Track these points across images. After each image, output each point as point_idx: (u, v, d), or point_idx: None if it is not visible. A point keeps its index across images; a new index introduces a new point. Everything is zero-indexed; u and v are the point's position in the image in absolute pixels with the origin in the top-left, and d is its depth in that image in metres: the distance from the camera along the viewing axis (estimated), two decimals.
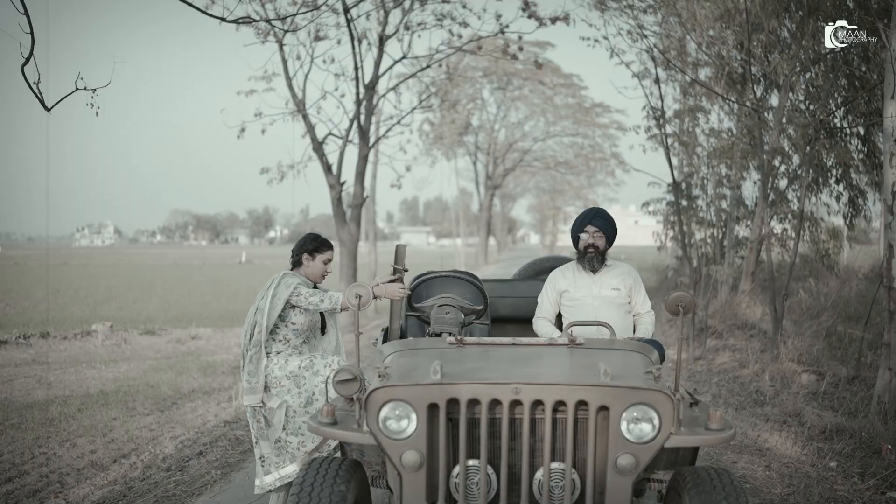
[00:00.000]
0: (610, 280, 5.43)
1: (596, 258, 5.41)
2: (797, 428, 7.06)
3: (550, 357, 4.09)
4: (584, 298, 5.38)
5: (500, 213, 75.56)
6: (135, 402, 8.87)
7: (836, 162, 11.54)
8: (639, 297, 5.49)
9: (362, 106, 13.25)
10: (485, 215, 51.30)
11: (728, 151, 13.56)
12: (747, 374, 9.42)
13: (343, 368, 3.61)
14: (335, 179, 13.11)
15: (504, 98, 41.98)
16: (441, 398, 3.48)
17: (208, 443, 6.87)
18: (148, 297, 26.47)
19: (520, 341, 4.31)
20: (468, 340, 4.32)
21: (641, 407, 3.47)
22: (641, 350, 4.31)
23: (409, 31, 13.45)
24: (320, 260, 5.53)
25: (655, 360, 4.29)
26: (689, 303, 3.84)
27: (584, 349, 4.23)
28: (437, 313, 5.05)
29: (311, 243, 5.57)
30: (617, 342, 4.46)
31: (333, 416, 3.67)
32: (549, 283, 5.61)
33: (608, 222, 5.44)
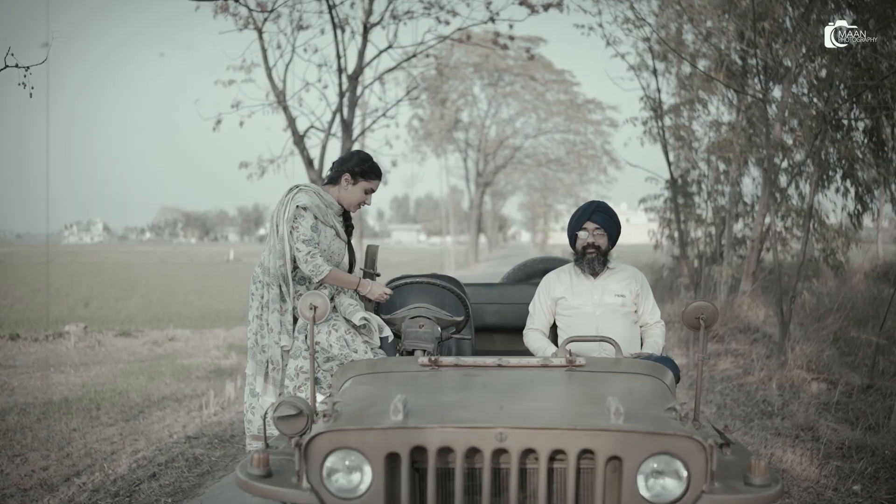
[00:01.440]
0: (613, 285, 4.80)
1: (597, 260, 4.75)
2: (812, 444, 6.50)
3: (545, 385, 3.37)
4: (583, 307, 4.75)
5: (491, 211, 75.10)
6: (99, 410, 8.30)
7: (843, 156, 11.02)
8: (647, 306, 4.85)
9: (345, 97, 12.70)
10: (475, 213, 50.82)
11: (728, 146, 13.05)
12: (753, 381, 8.86)
13: (286, 400, 2.83)
14: (317, 174, 12.54)
15: (495, 94, 41.46)
16: (403, 446, 2.74)
17: (164, 463, 6.27)
18: (130, 296, 25.90)
19: (507, 362, 3.59)
20: (444, 361, 3.60)
21: (664, 457, 2.75)
22: (654, 372, 3.60)
23: (395, 19, 12.91)
24: (362, 188, 4.71)
25: (671, 384, 3.65)
26: (712, 314, 3.21)
27: (585, 372, 3.54)
28: (409, 326, 4.38)
29: (357, 164, 4.70)
30: (624, 362, 3.74)
31: (267, 465, 2.89)
32: (542, 289, 4.95)
33: (611, 218, 4.79)
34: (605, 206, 4.84)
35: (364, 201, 4.75)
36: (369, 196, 4.76)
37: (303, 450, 2.79)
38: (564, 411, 3.07)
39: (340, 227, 4.77)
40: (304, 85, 12.86)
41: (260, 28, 12.13)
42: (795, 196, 13.20)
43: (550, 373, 3.52)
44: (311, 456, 2.79)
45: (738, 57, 12.89)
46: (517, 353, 5.66)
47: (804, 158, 11.55)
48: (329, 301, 3.22)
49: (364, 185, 4.69)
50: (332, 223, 4.69)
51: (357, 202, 4.72)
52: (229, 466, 6.21)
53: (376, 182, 4.76)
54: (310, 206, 4.54)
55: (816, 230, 12.21)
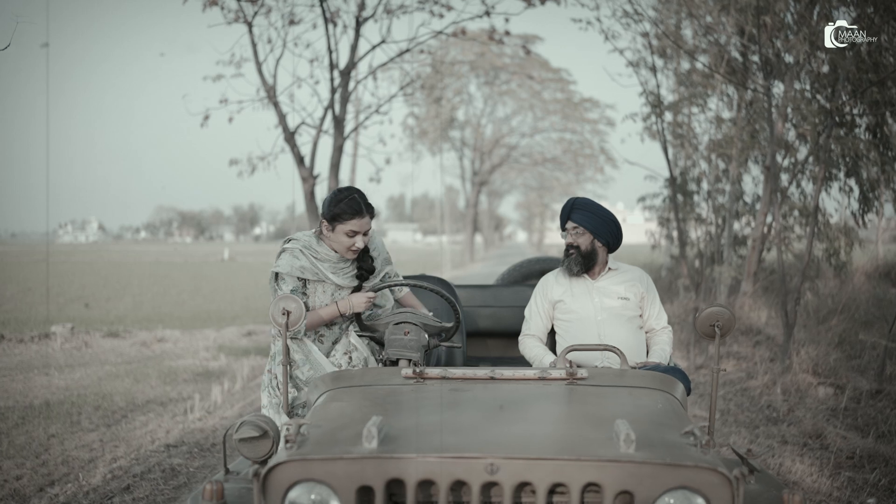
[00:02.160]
0: (615, 287, 4.45)
1: (574, 260, 4.38)
2: (821, 452, 6.21)
3: (543, 402, 2.97)
4: (583, 311, 4.40)
5: (487, 210, 74.90)
6: (80, 414, 8.01)
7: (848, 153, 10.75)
8: (653, 309, 4.50)
9: (337, 93, 12.40)
10: (471, 212, 50.56)
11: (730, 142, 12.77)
12: (756, 385, 8.57)
13: (249, 420, 2.45)
14: (308, 172, 12.24)
15: (491, 92, 41.21)
16: (378, 478, 2.35)
17: (140, 474, 5.97)
18: (121, 295, 25.59)
19: (500, 374, 3.17)
20: (430, 373, 3.18)
21: (683, 492, 2.36)
22: (664, 386, 3.18)
23: (389, 14, 12.61)
24: (341, 232, 4.10)
25: (683, 399, 3.27)
26: (728, 321, 2.92)
27: (587, 386, 3.13)
28: (393, 333, 3.94)
29: (327, 208, 4.12)
30: (630, 374, 3.31)
31: (221, 497, 2.50)
32: (539, 292, 4.59)
33: (592, 214, 4.39)
34: (584, 202, 4.47)
35: (354, 245, 4.14)
36: (357, 237, 4.13)
37: (261, 480, 2.40)
38: (566, 436, 2.60)
39: (344, 278, 4.25)
40: (294, 80, 12.57)
41: (249, 22, 11.84)
42: (796, 194, 12.95)
43: (549, 387, 3.13)
44: (271, 488, 2.41)
45: (739, 53, 12.63)
46: (511, 360, 5.34)
47: (807, 156, 11.28)
48: (305, 307, 2.92)
49: (341, 227, 4.10)
50: (329, 277, 4.20)
51: (346, 247, 4.15)
52: (208, 478, 5.93)
53: (354, 222, 4.10)
54: (290, 272, 4.12)
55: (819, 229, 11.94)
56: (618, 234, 4.47)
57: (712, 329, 2.92)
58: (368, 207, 4.18)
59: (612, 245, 4.49)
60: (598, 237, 4.41)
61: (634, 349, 4.31)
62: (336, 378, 3.21)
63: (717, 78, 12.86)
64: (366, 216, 4.14)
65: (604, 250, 4.49)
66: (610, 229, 4.43)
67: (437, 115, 35.67)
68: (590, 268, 4.45)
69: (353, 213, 4.08)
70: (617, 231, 4.47)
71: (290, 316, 2.88)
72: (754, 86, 11.29)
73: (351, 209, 4.08)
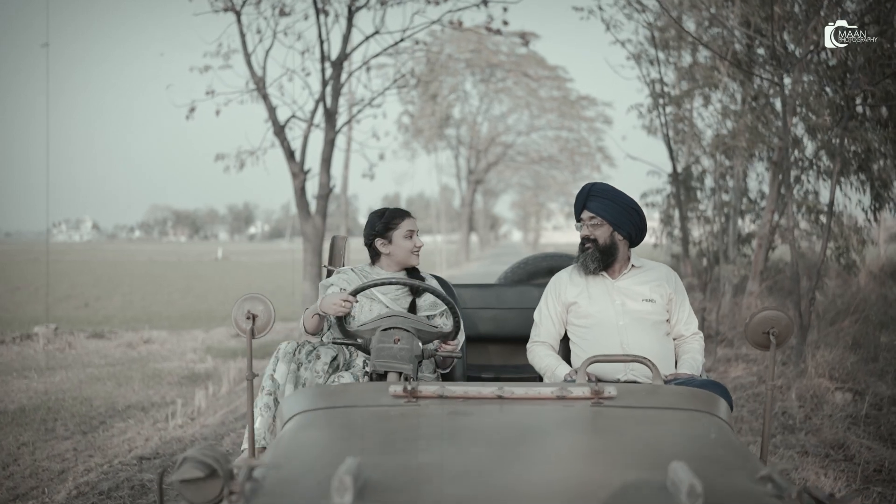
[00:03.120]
0: (639, 287, 3.91)
1: (591, 256, 3.88)
2: (846, 465, 5.78)
3: (565, 430, 2.40)
4: (601, 315, 3.85)
5: (483, 210, 74.57)
6: (56, 421, 7.58)
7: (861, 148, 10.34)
8: (681, 313, 3.97)
9: (329, 85, 11.98)
10: (466, 211, 50.17)
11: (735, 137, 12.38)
12: None
13: (193, 455, 1.84)
14: (298, 167, 11.83)
15: (487, 90, 40.78)
16: None
17: (107, 491, 5.51)
18: (112, 295, 25.19)
19: (510, 392, 2.57)
20: (425, 390, 2.59)
21: None
22: (708, 406, 2.60)
23: (382, 4, 12.19)
24: (400, 237, 4.08)
25: (730, 420, 2.70)
26: (786, 328, 2.45)
27: (617, 408, 2.53)
28: (381, 341, 3.40)
29: (377, 223, 4.13)
30: (665, 392, 2.70)
31: None
32: (550, 292, 4.04)
33: (611, 202, 3.87)
34: (602, 188, 3.95)
35: (415, 246, 4.12)
36: (415, 237, 4.13)
37: None
38: (605, 484, 1.83)
39: (394, 300, 4.07)
40: (284, 72, 12.15)
41: (238, 11, 11.41)
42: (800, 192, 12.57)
43: (571, 409, 2.54)
44: None
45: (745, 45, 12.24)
46: (516, 367, 4.85)
47: (817, 150, 10.89)
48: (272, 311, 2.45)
49: (398, 233, 4.09)
50: (377, 296, 4.07)
51: (409, 250, 4.11)
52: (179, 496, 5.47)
53: (406, 222, 4.13)
54: (337, 283, 4.08)
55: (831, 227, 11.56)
56: (641, 225, 3.95)
57: (766, 337, 2.45)
58: (408, 211, 4.26)
59: (634, 238, 3.97)
60: (618, 229, 3.89)
61: (662, 360, 3.79)
62: (309, 397, 2.64)
63: (722, 71, 12.46)
64: (411, 216, 4.20)
65: (625, 244, 3.96)
66: (632, 219, 3.91)
67: (432, 112, 35.26)
68: (609, 265, 3.93)
69: (402, 216, 4.16)
70: (640, 222, 3.95)
71: (255, 321, 2.41)
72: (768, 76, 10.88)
73: (397, 213, 4.16)
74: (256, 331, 2.48)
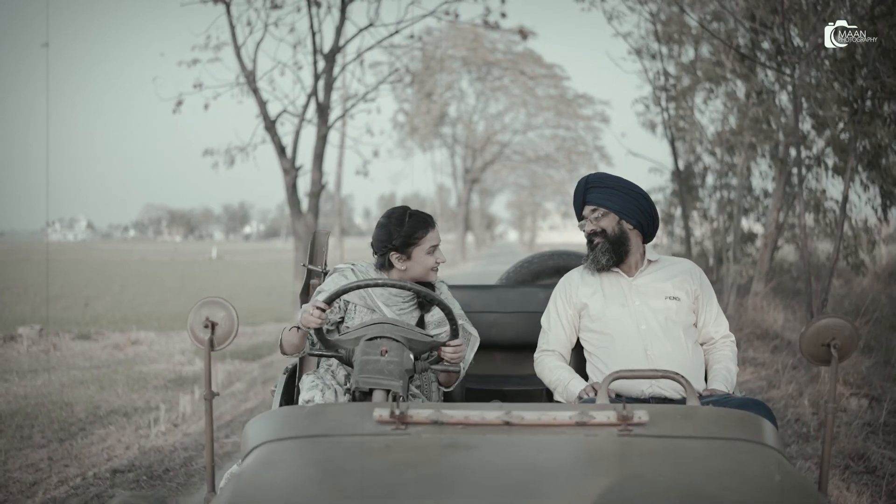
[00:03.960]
0: (660, 285, 3.47)
1: (601, 248, 3.46)
2: (868, 478, 5.42)
3: (591, 471, 1.94)
4: (619, 319, 3.42)
5: (479, 209, 74.32)
6: (33, 427, 7.23)
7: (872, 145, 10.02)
8: (709, 313, 3.53)
9: (321, 79, 11.65)
10: (462, 210, 49.87)
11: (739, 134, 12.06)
12: (780, 396, 7.77)
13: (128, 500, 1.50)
14: (289, 163, 11.49)
15: (483, 88, 40.47)
16: None
17: None
18: (103, 294, 24.80)
19: (519, 417, 2.13)
20: (416, 414, 2.16)
21: None
22: (757, 434, 2.18)
23: None
24: (421, 253, 3.51)
25: (783, 450, 2.25)
26: (849, 340, 2.08)
27: (650, 438, 2.09)
28: (365, 353, 2.96)
29: (395, 234, 3.49)
30: (704, 415, 2.28)
31: None
32: (560, 295, 3.62)
33: (612, 190, 3.48)
34: (599, 178, 3.55)
35: (437, 261, 3.57)
36: (438, 251, 3.58)
37: None
38: None
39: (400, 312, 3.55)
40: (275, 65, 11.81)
41: (227, 2, 11.06)
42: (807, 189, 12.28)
43: (595, 440, 2.10)
44: None
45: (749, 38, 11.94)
46: (519, 378, 4.45)
47: (824, 146, 10.58)
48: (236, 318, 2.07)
49: (419, 249, 3.51)
50: (379, 307, 3.53)
51: (429, 268, 3.56)
52: None
53: (431, 235, 3.53)
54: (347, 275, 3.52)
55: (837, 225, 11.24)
56: (651, 211, 3.53)
57: (826, 350, 2.08)
58: (432, 217, 3.65)
59: (645, 228, 3.53)
60: (625, 217, 3.47)
61: (693, 370, 3.33)
62: (277, 423, 2.24)
63: (727, 65, 12.14)
64: (434, 227, 3.60)
65: (637, 236, 3.53)
66: (639, 205, 3.49)
67: (428, 110, 34.94)
68: (622, 259, 3.50)
69: (426, 227, 3.54)
70: (649, 208, 3.52)
71: (215, 330, 2.04)
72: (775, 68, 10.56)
73: (420, 224, 3.53)
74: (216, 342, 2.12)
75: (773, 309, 11.36)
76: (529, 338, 3.79)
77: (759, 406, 2.97)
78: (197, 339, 2.10)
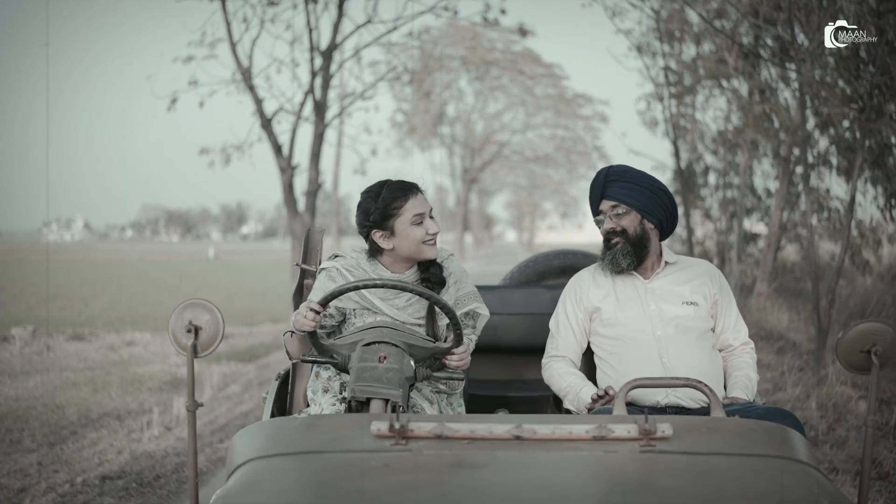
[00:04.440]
0: (677, 288, 3.26)
1: (622, 251, 3.20)
2: (880, 484, 5.25)
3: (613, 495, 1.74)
4: (634, 323, 3.20)
5: (478, 209, 74.19)
6: (23, 431, 7.08)
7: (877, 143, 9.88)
8: (728, 318, 3.33)
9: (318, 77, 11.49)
10: (461, 210, 49.73)
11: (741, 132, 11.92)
12: (786, 399, 7.59)
13: None
14: (286, 162, 11.33)
15: (482, 88, 40.31)
16: None
17: None
18: (100, 295, 24.61)
19: (531, 432, 1.93)
20: (419, 428, 1.96)
21: None
22: (789, 448, 1.99)
23: None
24: (404, 224, 3.13)
25: (816, 462, 2.08)
26: (892, 345, 1.92)
27: (675, 455, 1.89)
28: (362, 359, 2.74)
29: (372, 209, 3.15)
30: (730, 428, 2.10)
31: None
32: (569, 296, 3.38)
33: (635, 185, 3.22)
34: (621, 171, 3.28)
35: (426, 234, 3.15)
36: (426, 221, 3.16)
37: None
38: None
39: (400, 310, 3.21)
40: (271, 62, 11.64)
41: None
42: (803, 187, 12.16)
43: (615, 457, 1.90)
44: None
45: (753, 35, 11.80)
46: (524, 384, 4.26)
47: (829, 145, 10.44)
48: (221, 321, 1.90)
49: (401, 221, 3.13)
50: (377, 306, 3.20)
51: (420, 240, 3.15)
52: None
53: (411, 203, 3.14)
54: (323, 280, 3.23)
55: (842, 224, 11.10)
56: (672, 210, 3.31)
57: (866, 357, 1.92)
58: (415, 184, 3.23)
59: (665, 227, 3.32)
60: (647, 216, 3.24)
61: (712, 378, 3.13)
62: (265, 437, 2.03)
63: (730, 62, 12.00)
64: (418, 193, 3.19)
65: (655, 235, 3.31)
66: (662, 203, 3.26)
67: (426, 110, 34.79)
68: (641, 261, 3.28)
69: (405, 194, 3.16)
70: (671, 206, 3.30)
71: (199, 335, 1.86)
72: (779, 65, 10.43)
73: (397, 192, 3.16)
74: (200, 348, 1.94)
75: (777, 310, 11.21)
76: (534, 341, 3.61)
77: (785, 416, 2.79)
78: (179, 345, 1.93)
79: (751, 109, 12.19)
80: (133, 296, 24.59)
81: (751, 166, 13.22)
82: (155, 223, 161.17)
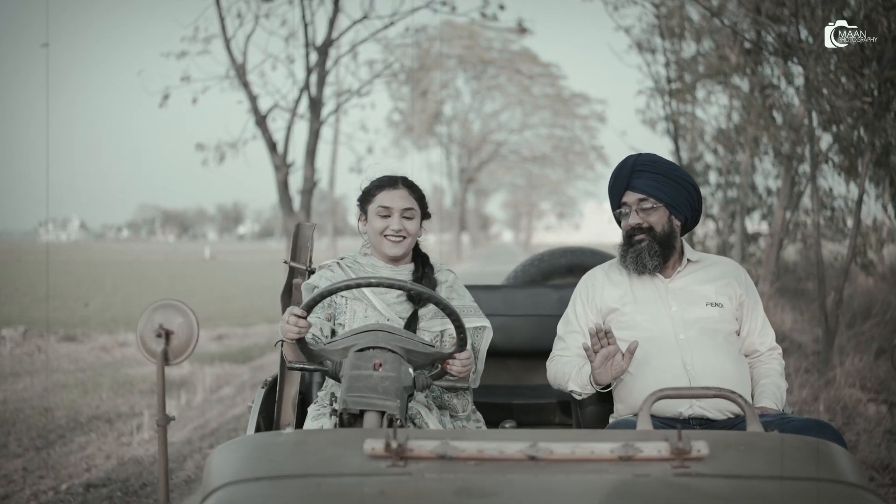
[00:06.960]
0: (700, 288, 3.01)
1: (648, 251, 2.95)
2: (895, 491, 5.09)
3: None
4: (654, 326, 2.93)
5: (474, 209, 74.06)
6: (10, 435, 6.90)
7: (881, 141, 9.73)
8: (754, 321, 3.09)
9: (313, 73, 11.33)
10: (458, 210, 49.59)
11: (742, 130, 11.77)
12: (793, 402, 7.38)
13: None
14: (281, 160, 11.14)
15: (479, 87, 40.16)
16: None
17: None
18: (95, 295, 24.44)
19: (547, 451, 1.67)
20: (418, 448, 1.71)
21: None
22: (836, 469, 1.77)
23: None
24: (372, 214, 3.11)
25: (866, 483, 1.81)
26: None
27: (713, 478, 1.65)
28: (355, 366, 2.48)
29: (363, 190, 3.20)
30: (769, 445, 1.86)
31: None
32: (581, 297, 3.12)
33: (664, 178, 2.96)
34: (650, 160, 3.02)
35: (385, 229, 3.08)
36: (392, 217, 3.08)
37: None
38: None
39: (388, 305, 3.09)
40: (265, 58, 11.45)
41: None
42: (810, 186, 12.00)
43: (645, 482, 1.65)
44: None
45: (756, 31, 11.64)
46: (531, 389, 4.08)
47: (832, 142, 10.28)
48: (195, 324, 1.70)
49: (371, 208, 3.14)
50: (367, 297, 3.09)
51: (378, 232, 3.10)
52: None
53: (384, 195, 3.12)
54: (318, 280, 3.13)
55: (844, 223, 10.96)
56: (699, 206, 3.10)
57: None
58: (403, 179, 3.21)
59: (690, 223, 3.11)
60: (675, 212, 3.00)
61: (739, 388, 2.84)
62: (243, 458, 1.79)
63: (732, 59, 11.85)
64: (400, 188, 3.15)
65: (678, 231, 3.08)
66: (690, 198, 3.03)
67: (423, 109, 34.63)
68: (666, 260, 3.03)
69: (381, 183, 3.17)
70: (698, 202, 3.08)
71: (170, 339, 1.66)
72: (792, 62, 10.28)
73: (380, 180, 3.19)
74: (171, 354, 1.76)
75: (780, 310, 11.03)
76: (540, 344, 3.40)
77: (824, 428, 2.56)
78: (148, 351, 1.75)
79: (752, 106, 12.04)
80: (128, 296, 24.41)
81: (752, 165, 13.06)
82: (151, 223, 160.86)
